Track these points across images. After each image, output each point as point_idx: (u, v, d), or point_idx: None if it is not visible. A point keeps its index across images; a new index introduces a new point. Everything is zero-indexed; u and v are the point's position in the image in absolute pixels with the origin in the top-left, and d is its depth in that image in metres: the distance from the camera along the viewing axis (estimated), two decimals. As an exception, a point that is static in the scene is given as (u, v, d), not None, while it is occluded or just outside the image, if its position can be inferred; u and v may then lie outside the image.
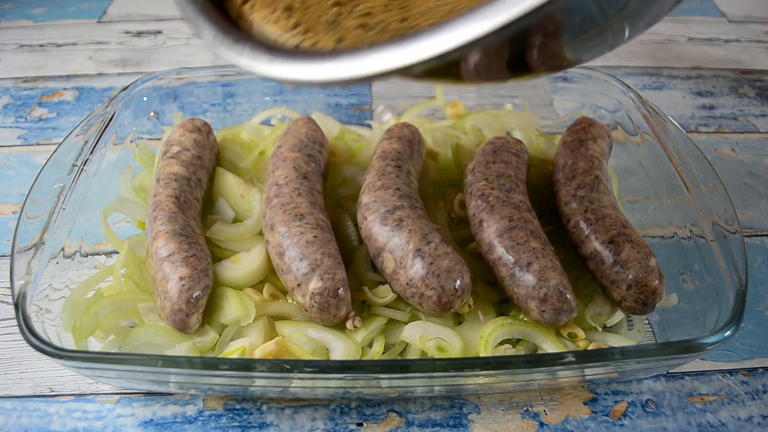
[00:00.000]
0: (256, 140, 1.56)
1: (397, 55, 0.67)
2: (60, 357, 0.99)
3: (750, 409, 1.18)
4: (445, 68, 0.71)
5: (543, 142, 1.59)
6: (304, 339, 1.16)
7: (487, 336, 1.14)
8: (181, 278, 1.13)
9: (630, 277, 1.15)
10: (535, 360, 1.05)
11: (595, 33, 0.74)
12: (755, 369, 1.25)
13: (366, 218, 1.23)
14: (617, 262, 1.17)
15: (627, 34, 0.77)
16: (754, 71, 2.12)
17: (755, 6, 2.50)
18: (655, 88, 2.04)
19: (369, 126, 1.69)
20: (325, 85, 0.78)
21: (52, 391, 1.19)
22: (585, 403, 1.18)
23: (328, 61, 0.74)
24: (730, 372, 1.24)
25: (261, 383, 1.07)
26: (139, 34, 2.27)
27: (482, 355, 1.12)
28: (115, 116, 1.45)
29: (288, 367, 0.99)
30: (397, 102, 1.84)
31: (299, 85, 1.24)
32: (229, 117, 1.74)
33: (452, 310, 1.13)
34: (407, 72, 0.68)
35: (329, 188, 1.44)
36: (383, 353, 1.18)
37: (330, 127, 1.59)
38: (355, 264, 1.27)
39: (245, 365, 1.01)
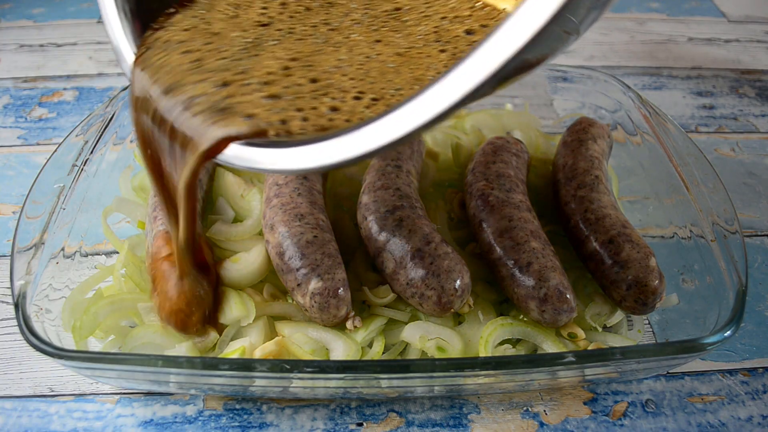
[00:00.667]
0: (256, 140, 1.56)
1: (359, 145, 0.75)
2: (60, 357, 0.99)
3: (750, 409, 1.18)
4: None
5: (543, 142, 1.59)
6: (304, 339, 1.16)
7: (487, 336, 1.14)
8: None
9: (630, 277, 1.15)
10: (535, 360, 1.05)
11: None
12: (755, 369, 1.25)
13: (366, 218, 1.23)
14: (617, 262, 1.17)
15: (581, 27, 0.76)
16: (754, 71, 2.12)
17: (755, 6, 2.50)
18: (655, 88, 2.04)
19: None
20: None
21: (52, 391, 1.19)
22: (585, 403, 1.18)
23: (309, 146, 0.78)
24: (730, 372, 1.24)
25: (261, 383, 1.07)
26: (139, 34, 2.26)
27: (482, 355, 1.11)
28: (115, 116, 1.45)
29: (288, 367, 0.99)
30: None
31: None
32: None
33: (452, 310, 1.13)
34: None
35: (329, 188, 1.44)
36: (383, 353, 1.18)
37: (330, 127, 1.59)
38: (355, 264, 1.27)
39: (245, 365, 1.01)
